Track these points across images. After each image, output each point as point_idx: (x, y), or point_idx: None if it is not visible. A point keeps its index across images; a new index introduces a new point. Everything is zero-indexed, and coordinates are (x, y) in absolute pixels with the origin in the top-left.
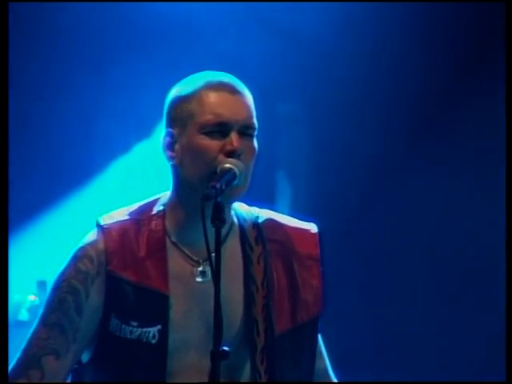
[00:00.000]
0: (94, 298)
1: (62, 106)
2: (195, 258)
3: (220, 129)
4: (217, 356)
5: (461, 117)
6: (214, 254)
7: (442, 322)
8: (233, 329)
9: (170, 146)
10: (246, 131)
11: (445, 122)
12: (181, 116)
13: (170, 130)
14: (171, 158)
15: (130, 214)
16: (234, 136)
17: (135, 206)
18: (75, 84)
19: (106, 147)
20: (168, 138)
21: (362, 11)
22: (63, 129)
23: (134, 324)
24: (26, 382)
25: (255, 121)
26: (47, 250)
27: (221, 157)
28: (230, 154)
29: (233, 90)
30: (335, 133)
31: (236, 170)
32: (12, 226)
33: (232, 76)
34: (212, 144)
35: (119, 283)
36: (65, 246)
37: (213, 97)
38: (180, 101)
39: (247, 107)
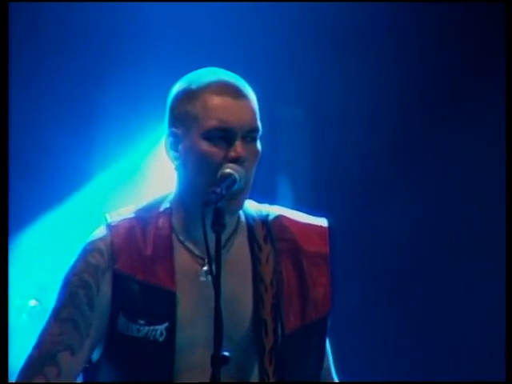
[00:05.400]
0: (105, 291)
1: (62, 108)
2: (202, 256)
3: (224, 135)
4: (217, 361)
5: (461, 117)
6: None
7: (443, 321)
8: (241, 329)
9: (173, 146)
10: (249, 135)
11: (446, 123)
12: (184, 117)
13: (174, 129)
14: (175, 159)
15: (137, 211)
16: (238, 143)
17: (143, 204)
18: (75, 85)
19: (106, 150)
20: (171, 138)
21: (364, 14)
22: (63, 130)
23: (142, 322)
24: (43, 379)
25: (259, 124)
26: (48, 255)
27: (225, 164)
28: (234, 161)
29: (237, 94)
30: (337, 137)
31: (236, 175)
32: (13, 231)
33: (235, 75)
34: (216, 151)
35: (126, 281)
36: (66, 251)
37: (217, 101)
38: (183, 101)
39: (251, 111)
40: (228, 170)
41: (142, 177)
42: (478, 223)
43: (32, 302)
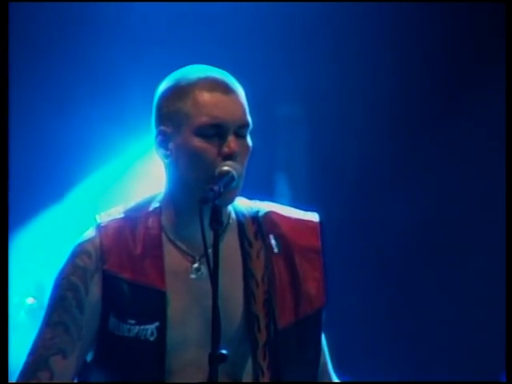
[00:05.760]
0: (94, 293)
1: (59, 107)
2: (192, 254)
3: (216, 131)
4: (214, 359)
5: (462, 112)
6: (210, 250)
7: (443, 319)
8: (233, 326)
9: (163, 145)
10: (241, 131)
11: (445, 119)
12: (174, 115)
13: (163, 128)
14: (165, 157)
15: (127, 211)
16: (231, 139)
17: (132, 203)
18: (73, 85)
19: (103, 149)
20: (160, 137)
21: (363, 12)
22: (60, 130)
23: (132, 322)
24: (36, 383)
25: (249, 119)
26: (46, 253)
27: (219, 160)
28: (228, 157)
29: (227, 89)
30: (336, 134)
31: (234, 172)
32: (10, 229)
33: (222, 71)
34: (209, 147)
35: (116, 282)
36: (64, 249)
37: (208, 97)
38: (172, 98)
39: (241, 106)
40: (226, 168)
41: (140, 175)
42: (478, 219)
43: (30, 300)
